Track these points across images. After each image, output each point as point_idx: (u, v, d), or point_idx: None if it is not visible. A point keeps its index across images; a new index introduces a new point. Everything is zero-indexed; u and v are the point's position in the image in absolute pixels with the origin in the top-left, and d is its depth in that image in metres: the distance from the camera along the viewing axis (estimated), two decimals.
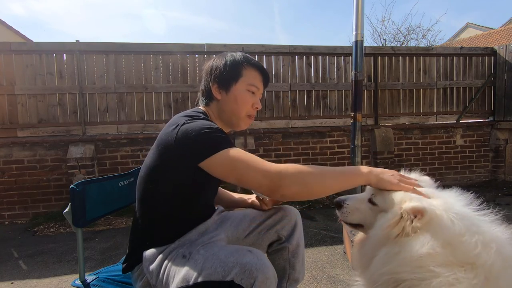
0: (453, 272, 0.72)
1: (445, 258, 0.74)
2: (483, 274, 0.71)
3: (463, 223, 0.78)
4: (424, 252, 0.76)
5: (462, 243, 0.75)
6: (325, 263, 2.44)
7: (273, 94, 4.44)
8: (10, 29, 11.87)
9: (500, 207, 0.84)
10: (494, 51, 5.01)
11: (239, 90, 1.20)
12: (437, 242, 0.77)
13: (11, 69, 3.83)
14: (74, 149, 3.82)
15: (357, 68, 2.44)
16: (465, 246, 0.75)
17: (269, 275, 0.99)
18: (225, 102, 1.20)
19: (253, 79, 1.22)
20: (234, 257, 1.01)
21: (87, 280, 1.23)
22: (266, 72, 1.26)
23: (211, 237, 1.20)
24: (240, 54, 1.24)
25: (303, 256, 1.39)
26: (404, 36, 12.62)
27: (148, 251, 1.12)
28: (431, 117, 4.91)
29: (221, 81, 1.19)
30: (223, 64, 1.20)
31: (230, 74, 1.19)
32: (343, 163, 4.54)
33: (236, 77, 1.19)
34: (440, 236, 0.77)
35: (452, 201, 0.85)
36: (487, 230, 0.78)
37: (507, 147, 4.88)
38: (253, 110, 1.23)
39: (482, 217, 0.82)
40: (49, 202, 3.90)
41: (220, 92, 1.20)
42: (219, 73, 1.19)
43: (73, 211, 1.21)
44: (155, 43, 4.16)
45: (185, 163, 1.04)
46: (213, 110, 1.23)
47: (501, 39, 12.08)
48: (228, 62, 1.20)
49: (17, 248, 2.98)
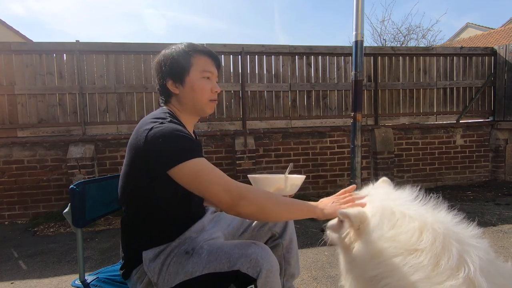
0: (406, 260, 0.78)
1: (392, 250, 0.81)
2: (429, 254, 0.76)
3: (393, 217, 0.87)
4: (374, 251, 0.85)
5: (401, 234, 0.83)
6: (325, 263, 2.44)
7: (273, 94, 4.44)
8: (10, 29, 11.86)
9: (499, 207, 0.86)
10: (494, 51, 5.01)
11: (194, 79, 1.18)
12: (379, 239, 0.85)
13: (11, 69, 3.83)
14: (74, 149, 3.82)
15: (357, 68, 2.44)
16: (404, 236, 0.82)
17: (274, 264, 1.04)
18: (184, 95, 1.19)
19: (204, 65, 1.20)
20: (238, 248, 1.05)
21: (87, 280, 1.23)
22: (214, 55, 1.24)
23: (211, 234, 1.23)
24: (184, 44, 1.21)
25: (297, 251, 1.42)
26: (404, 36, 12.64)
27: (147, 251, 1.12)
28: (431, 117, 4.91)
29: (173, 75, 1.18)
30: (170, 59, 1.18)
31: (180, 66, 1.18)
32: (343, 163, 4.54)
33: (187, 67, 1.18)
34: (378, 234, 0.86)
35: (388, 201, 0.94)
36: (418, 217, 0.85)
37: (507, 147, 4.88)
38: (214, 94, 1.23)
39: (416, 207, 0.90)
40: (49, 202, 3.90)
41: (177, 86, 1.19)
42: (169, 68, 1.18)
43: (73, 211, 1.21)
44: (155, 43, 4.16)
45: (155, 169, 1.04)
46: (175, 105, 1.22)
47: (501, 39, 12.08)
48: (175, 54, 1.18)
49: (17, 248, 2.98)
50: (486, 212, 3.49)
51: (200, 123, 4.29)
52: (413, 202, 0.92)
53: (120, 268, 1.20)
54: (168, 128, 1.04)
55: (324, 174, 4.53)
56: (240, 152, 4.14)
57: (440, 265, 0.73)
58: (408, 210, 0.88)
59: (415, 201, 0.92)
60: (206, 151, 4.16)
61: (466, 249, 0.75)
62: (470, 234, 0.81)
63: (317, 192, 4.47)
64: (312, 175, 4.48)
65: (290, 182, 1.22)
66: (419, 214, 0.86)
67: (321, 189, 4.52)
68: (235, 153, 4.13)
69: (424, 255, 0.76)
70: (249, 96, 4.37)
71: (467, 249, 0.76)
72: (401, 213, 0.87)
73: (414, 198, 0.94)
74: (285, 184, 1.21)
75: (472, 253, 0.74)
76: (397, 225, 0.85)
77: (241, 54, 4.25)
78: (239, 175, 4.13)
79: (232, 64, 4.34)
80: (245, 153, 4.15)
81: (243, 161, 4.15)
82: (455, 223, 0.84)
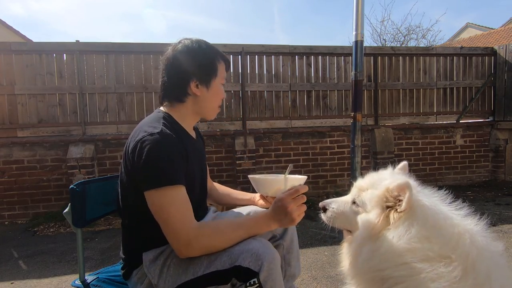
0: (433, 267, 0.74)
1: (424, 253, 0.76)
2: (461, 266, 0.73)
3: (437, 217, 0.81)
4: (403, 248, 0.78)
5: (439, 237, 0.77)
6: (325, 263, 2.44)
7: (273, 94, 4.44)
8: (10, 29, 11.86)
9: (499, 207, 0.86)
10: (494, 51, 5.01)
11: (217, 84, 1.19)
12: (415, 236, 0.78)
13: (11, 69, 3.83)
14: (74, 149, 3.82)
15: (357, 68, 2.44)
16: (442, 240, 0.77)
17: (276, 257, 1.03)
18: (205, 98, 1.18)
19: (223, 71, 1.21)
20: (239, 245, 1.05)
21: (87, 280, 1.23)
22: (229, 62, 1.26)
23: None
24: (208, 45, 1.18)
25: (298, 251, 1.41)
26: (404, 36, 12.65)
27: (147, 252, 1.12)
28: (431, 117, 4.91)
29: (201, 76, 1.15)
30: (201, 58, 1.15)
31: (211, 68, 1.16)
32: (343, 163, 4.54)
33: (215, 72, 1.17)
34: (417, 229, 0.79)
35: (425, 197, 0.88)
36: (460, 223, 0.81)
37: (507, 147, 4.88)
38: (221, 101, 1.26)
39: (454, 211, 0.85)
40: (49, 202, 3.90)
41: (200, 88, 1.16)
42: (198, 67, 1.14)
43: (73, 211, 1.21)
44: (155, 43, 4.16)
45: (137, 184, 1.05)
46: (187, 107, 1.19)
47: (501, 39, 12.08)
48: (207, 55, 1.16)
49: (17, 248, 2.98)
50: (486, 212, 3.49)
51: (200, 123, 4.29)
52: (450, 204, 0.87)
53: (121, 268, 1.20)
54: (154, 144, 1.01)
55: (324, 174, 4.53)
56: (240, 152, 4.14)
57: (467, 279, 0.71)
58: (451, 213, 0.83)
59: (451, 204, 0.87)
60: (206, 151, 4.16)
61: (493, 269, 0.74)
62: (497, 250, 0.79)
63: (317, 192, 4.47)
64: (312, 175, 4.48)
65: (290, 183, 1.20)
66: (460, 220, 0.81)
67: (321, 189, 4.52)
68: (235, 153, 4.13)
69: (454, 265, 0.73)
70: (249, 96, 4.37)
71: (494, 268, 0.74)
72: (445, 214, 0.82)
73: (446, 199, 0.89)
74: (284, 185, 1.20)
75: (498, 273, 0.73)
76: (439, 226, 0.79)
77: (241, 54, 4.25)
78: (239, 175, 4.13)
79: (232, 64, 4.34)
80: (245, 153, 4.15)
81: (243, 161, 4.15)
82: (485, 236, 0.81)
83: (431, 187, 0.96)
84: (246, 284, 1.00)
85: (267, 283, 1.00)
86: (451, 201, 0.88)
